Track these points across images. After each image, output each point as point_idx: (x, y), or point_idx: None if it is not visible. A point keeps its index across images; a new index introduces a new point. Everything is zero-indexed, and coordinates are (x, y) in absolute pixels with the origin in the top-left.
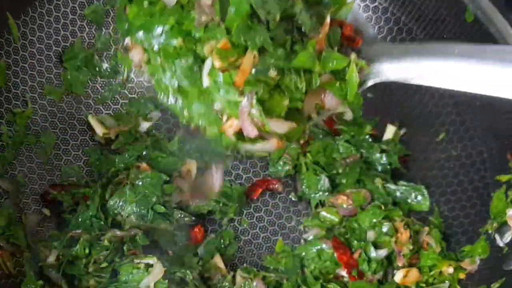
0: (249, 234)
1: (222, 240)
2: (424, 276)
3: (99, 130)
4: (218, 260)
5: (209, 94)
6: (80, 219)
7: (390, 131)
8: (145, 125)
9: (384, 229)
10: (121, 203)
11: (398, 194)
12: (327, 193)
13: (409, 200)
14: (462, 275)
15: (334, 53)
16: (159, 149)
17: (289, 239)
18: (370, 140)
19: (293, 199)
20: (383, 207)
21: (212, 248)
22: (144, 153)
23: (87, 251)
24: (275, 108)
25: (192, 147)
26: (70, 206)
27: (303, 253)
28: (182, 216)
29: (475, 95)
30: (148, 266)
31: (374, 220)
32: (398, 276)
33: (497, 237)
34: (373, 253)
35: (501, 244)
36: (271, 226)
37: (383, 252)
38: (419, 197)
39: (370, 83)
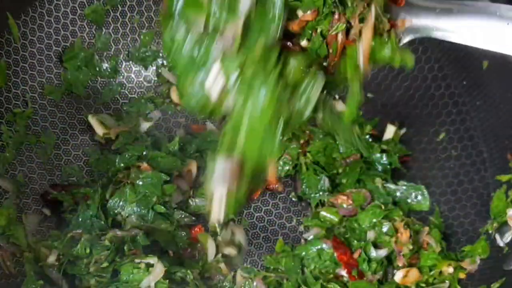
0: (249, 234)
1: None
2: (424, 276)
3: (99, 130)
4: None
5: None
6: (80, 219)
7: (390, 131)
8: (145, 125)
9: (384, 229)
10: (121, 203)
11: (398, 194)
12: (327, 193)
13: (409, 200)
14: (462, 275)
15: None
16: (159, 149)
17: (289, 239)
18: (370, 140)
19: (293, 199)
20: (383, 207)
21: None
22: (144, 153)
23: (87, 251)
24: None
25: (192, 147)
26: (70, 206)
27: (303, 253)
28: (182, 216)
29: (476, 95)
30: (149, 266)
31: (374, 220)
32: (398, 276)
33: (497, 237)
34: (373, 253)
35: (501, 244)
36: (271, 226)
37: (383, 252)
38: (419, 197)
39: (408, 39)
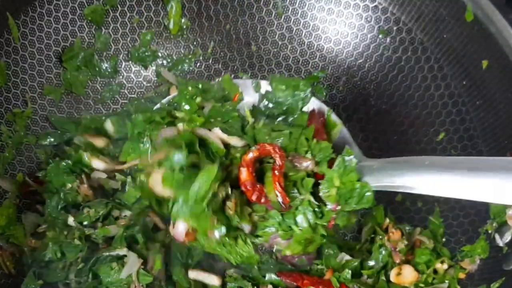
0: None
1: None
2: (423, 276)
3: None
4: None
5: None
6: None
7: None
8: None
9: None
10: None
11: None
12: None
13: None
14: (462, 275)
15: None
16: None
17: None
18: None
19: None
20: None
21: None
22: None
23: (59, 255)
24: None
25: None
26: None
27: None
28: None
29: (476, 95)
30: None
31: None
32: (392, 274)
33: (497, 237)
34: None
35: (501, 244)
36: None
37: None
38: None
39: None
